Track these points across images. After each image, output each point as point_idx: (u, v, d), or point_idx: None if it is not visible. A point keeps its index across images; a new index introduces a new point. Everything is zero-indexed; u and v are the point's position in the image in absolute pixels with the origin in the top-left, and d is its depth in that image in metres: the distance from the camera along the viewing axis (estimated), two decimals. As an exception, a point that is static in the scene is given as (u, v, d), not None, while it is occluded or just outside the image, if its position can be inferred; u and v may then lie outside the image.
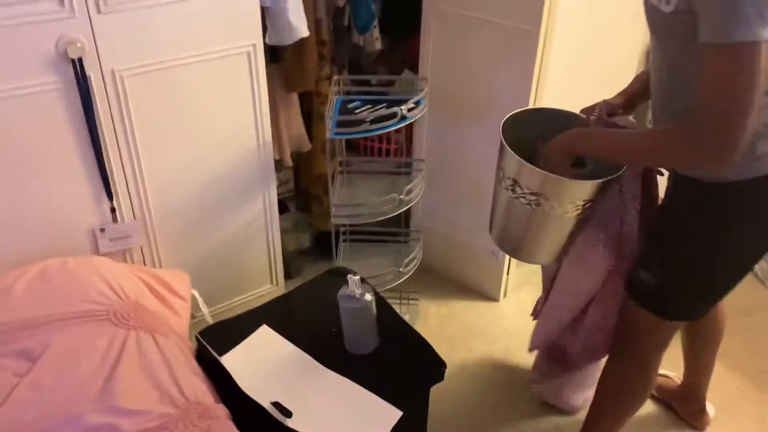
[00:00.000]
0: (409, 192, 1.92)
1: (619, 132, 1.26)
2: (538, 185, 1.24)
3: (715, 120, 0.98)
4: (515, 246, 1.45)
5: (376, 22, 2.15)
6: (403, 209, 1.92)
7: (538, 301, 1.83)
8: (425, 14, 1.99)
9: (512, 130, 1.32)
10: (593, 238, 1.44)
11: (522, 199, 1.28)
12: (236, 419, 1.24)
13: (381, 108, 1.74)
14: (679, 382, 1.87)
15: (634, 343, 1.44)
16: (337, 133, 1.74)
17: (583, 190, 1.23)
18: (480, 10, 1.85)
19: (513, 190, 1.29)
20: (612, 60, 2.03)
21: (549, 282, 1.69)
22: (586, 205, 1.25)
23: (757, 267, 2.37)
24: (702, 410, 1.82)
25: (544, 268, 1.75)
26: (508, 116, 1.35)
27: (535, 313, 1.82)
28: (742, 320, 2.10)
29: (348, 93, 1.91)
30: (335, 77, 1.89)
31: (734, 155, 0.98)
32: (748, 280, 2.29)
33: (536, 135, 1.35)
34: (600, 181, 1.22)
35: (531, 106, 1.85)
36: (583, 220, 1.31)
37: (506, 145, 1.27)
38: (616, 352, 1.51)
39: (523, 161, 1.24)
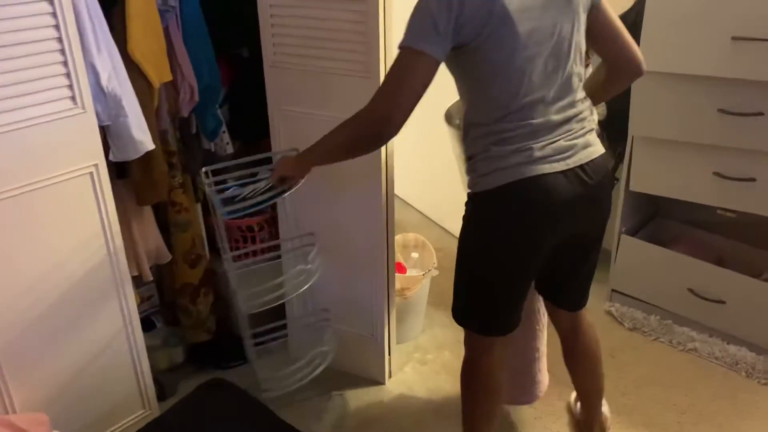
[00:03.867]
0: (313, 260, 1.90)
1: (324, 136, 1.52)
2: None
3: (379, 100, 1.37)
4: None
5: (224, 128, 2.17)
6: (312, 280, 1.89)
7: None
8: (271, 116, 2.05)
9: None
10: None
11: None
12: None
13: (262, 180, 1.75)
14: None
15: (465, 348, 1.64)
16: (228, 213, 1.73)
17: None
18: (325, 109, 1.93)
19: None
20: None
21: None
22: None
23: (613, 308, 2.56)
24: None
25: None
26: None
27: None
28: (609, 361, 2.23)
29: (218, 183, 1.89)
30: (204, 169, 1.88)
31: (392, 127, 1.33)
32: (609, 321, 2.50)
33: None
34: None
35: (384, 184, 1.94)
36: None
37: None
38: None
39: None
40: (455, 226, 1.56)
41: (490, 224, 1.45)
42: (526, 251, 1.45)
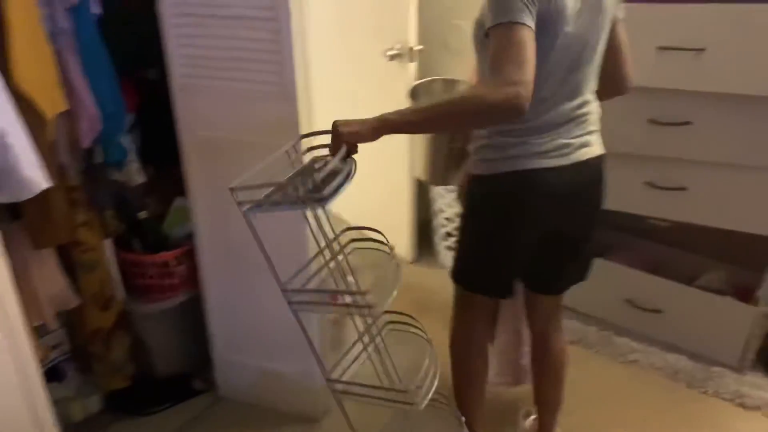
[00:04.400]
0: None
1: (428, 106, 1.44)
2: None
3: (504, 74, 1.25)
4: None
5: (132, 156, 2.01)
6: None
7: None
8: (183, 142, 1.90)
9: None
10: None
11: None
12: None
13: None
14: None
15: (453, 318, 1.76)
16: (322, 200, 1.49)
17: None
18: (242, 133, 1.80)
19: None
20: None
21: None
22: None
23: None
24: None
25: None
26: None
27: None
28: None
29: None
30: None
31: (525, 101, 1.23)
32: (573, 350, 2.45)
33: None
34: None
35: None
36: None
37: None
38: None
39: None
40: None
41: (490, 201, 1.54)
42: (518, 227, 1.54)
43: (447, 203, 2.87)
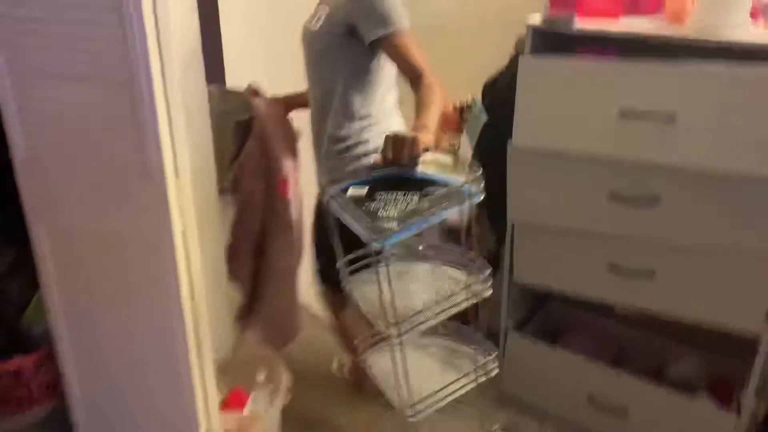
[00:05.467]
0: None
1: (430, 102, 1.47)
2: None
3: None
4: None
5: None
6: None
7: None
8: (29, 223, 1.51)
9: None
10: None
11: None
12: None
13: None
14: None
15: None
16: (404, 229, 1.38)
17: None
18: (94, 219, 1.43)
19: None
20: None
21: None
22: None
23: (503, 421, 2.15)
24: None
25: None
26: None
27: None
28: None
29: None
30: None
31: None
32: None
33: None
34: None
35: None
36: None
37: None
38: None
39: None
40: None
41: None
42: None
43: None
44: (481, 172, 2.22)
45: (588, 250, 1.89)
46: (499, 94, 2.07)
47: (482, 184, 1.68)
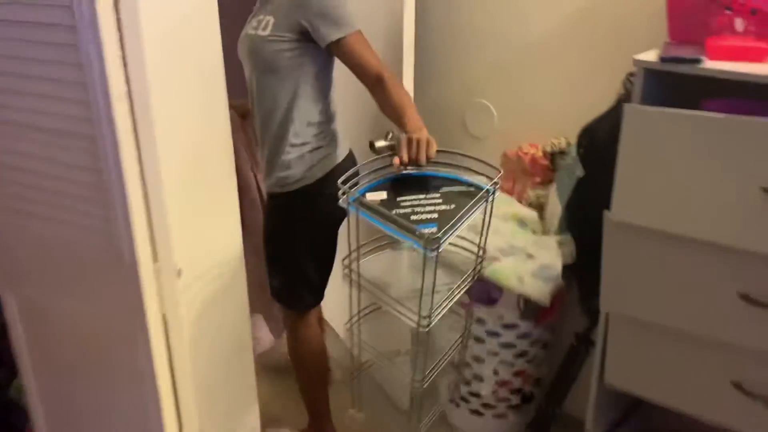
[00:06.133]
0: None
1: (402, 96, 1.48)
2: None
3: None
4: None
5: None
6: None
7: None
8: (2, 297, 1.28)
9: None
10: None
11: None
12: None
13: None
14: None
15: (290, 338, 1.79)
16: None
17: None
18: (63, 296, 1.17)
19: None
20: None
21: None
22: None
23: None
24: None
25: None
26: None
27: None
28: None
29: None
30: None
31: None
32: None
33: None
34: None
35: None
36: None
37: None
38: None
39: None
40: None
41: (316, 208, 1.63)
42: (338, 222, 1.61)
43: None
44: (570, 241, 1.85)
45: (707, 362, 1.43)
46: (599, 144, 1.64)
47: (572, 251, 1.63)
